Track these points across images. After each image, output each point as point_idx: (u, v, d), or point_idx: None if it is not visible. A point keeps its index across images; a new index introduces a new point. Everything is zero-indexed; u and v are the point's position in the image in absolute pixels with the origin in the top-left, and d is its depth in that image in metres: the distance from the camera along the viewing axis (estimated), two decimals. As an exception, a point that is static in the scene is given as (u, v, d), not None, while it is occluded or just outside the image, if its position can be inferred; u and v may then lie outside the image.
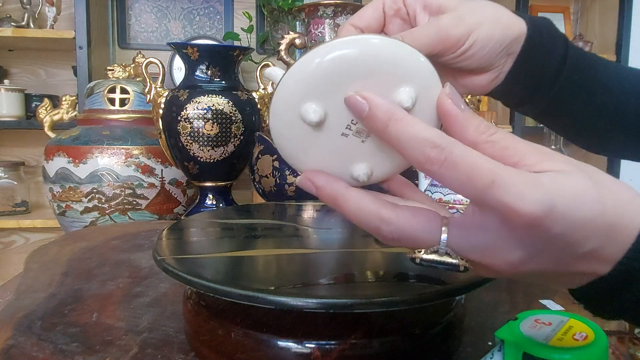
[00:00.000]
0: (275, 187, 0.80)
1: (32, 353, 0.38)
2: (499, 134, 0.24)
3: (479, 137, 0.24)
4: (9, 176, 1.57)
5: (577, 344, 0.31)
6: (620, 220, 0.23)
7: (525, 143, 0.24)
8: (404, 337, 0.35)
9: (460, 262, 0.25)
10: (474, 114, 0.24)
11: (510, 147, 0.24)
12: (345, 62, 0.25)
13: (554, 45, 0.38)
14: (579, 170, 0.24)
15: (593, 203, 0.22)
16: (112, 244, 0.73)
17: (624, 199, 0.23)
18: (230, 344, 0.35)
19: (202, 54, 0.86)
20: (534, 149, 0.24)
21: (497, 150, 0.24)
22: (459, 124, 0.24)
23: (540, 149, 0.24)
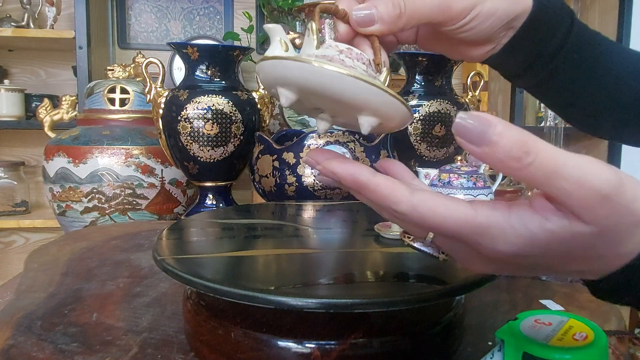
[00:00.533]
0: (275, 187, 0.80)
1: (32, 353, 0.38)
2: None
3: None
4: (9, 176, 1.57)
5: (577, 344, 0.31)
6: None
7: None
8: (404, 337, 0.35)
9: (440, 256, 0.27)
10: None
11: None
12: (319, 85, 0.26)
13: (556, 23, 0.37)
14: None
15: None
16: (112, 243, 0.73)
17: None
18: (230, 344, 0.35)
19: (202, 54, 0.86)
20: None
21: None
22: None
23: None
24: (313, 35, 0.29)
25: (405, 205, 0.24)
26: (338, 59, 0.28)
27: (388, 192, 0.24)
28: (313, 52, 0.28)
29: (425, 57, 0.91)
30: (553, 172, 0.21)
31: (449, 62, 0.92)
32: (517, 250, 0.23)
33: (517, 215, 0.23)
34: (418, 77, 0.94)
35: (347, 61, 0.28)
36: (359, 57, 0.29)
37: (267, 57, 0.27)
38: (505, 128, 0.21)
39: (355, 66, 0.28)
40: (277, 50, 0.28)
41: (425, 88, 0.93)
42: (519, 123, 1.80)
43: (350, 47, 0.29)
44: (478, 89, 0.98)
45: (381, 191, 0.25)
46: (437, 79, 0.93)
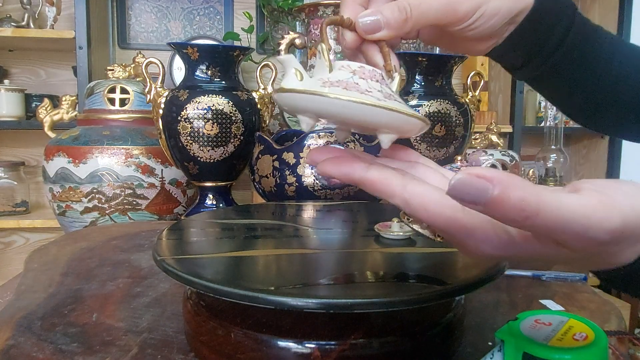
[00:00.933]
0: (275, 187, 0.80)
1: (32, 353, 0.38)
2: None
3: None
4: (9, 176, 1.57)
5: (577, 344, 0.31)
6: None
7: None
8: (404, 337, 0.35)
9: (436, 239, 0.29)
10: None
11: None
12: (337, 114, 0.27)
13: (557, 17, 0.38)
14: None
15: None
16: (112, 244, 0.73)
17: None
18: (230, 344, 0.35)
19: (202, 54, 0.86)
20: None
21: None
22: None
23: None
24: (325, 57, 0.29)
25: (399, 199, 0.25)
26: (352, 82, 0.28)
27: (382, 188, 0.26)
28: (327, 76, 0.28)
29: (425, 57, 0.91)
30: (557, 227, 0.21)
31: (449, 62, 0.92)
32: (500, 252, 0.24)
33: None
34: (418, 77, 0.94)
35: (361, 83, 0.28)
36: (372, 74, 0.29)
37: (284, 89, 0.27)
38: (506, 185, 0.20)
39: (369, 87, 0.28)
40: (292, 80, 0.28)
41: (425, 88, 0.94)
42: (519, 123, 1.80)
43: (363, 65, 0.29)
44: (478, 89, 0.98)
45: (375, 186, 0.26)
46: (437, 79, 0.93)
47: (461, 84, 1.91)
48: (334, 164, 0.27)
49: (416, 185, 0.25)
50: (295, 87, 0.27)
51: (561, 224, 0.21)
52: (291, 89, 0.27)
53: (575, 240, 0.22)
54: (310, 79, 0.29)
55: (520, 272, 0.58)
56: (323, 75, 0.29)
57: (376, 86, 0.29)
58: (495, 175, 0.20)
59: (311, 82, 0.28)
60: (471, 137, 0.98)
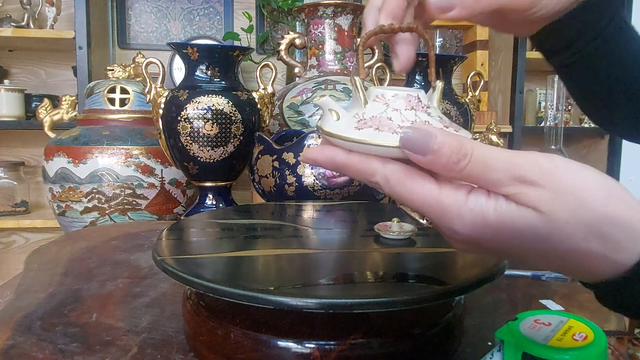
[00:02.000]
0: (275, 187, 0.80)
1: (31, 353, 0.38)
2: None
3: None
4: (9, 176, 1.57)
5: (577, 344, 0.31)
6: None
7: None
8: (404, 337, 0.35)
9: (424, 223, 0.30)
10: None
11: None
12: (371, 153, 0.28)
13: (605, 7, 0.39)
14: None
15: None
16: (112, 244, 0.73)
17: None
18: (230, 344, 0.35)
19: (202, 54, 0.86)
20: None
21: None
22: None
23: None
24: (359, 92, 0.30)
25: (379, 176, 0.27)
26: (385, 118, 0.28)
27: (363, 167, 0.27)
28: (362, 111, 0.29)
29: (425, 57, 0.91)
30: (485, 167, 0.24)
31: (449, 62, 0.92)
32: (471, 231, 0.25)
33: (475, 197, 0.25)
34: (418, 77, 0.94)
35: (394, 118, 0.28)
36: (407, 102, 0.29)
37: (323, 130, 0.29)
38: (444, 136, 0.25)
39: (403, 119, 0.28)
40: (330, 121, 0.29)
41: (425, 88, 0.93)
42: (519, 123, 1.80)
43: (397, 92, 0.29)
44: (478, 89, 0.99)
45: (357, 167, 0.27)
46: (437, 79, 0.93)
47: (461, 84, 1.91)
48: (318, 149, 0.28)
49: (396, 164, 0.26)
50: (331, 130, 0.28)
51: (491, 163, 0.24)
52: (328, 132, 0.29)
53: (509, 179, 0.24)
54: (346, 114, 0.29)
55: (520, 272, 0.58)
56: (358, 110, 0.29)
57: (410, 116, 0.29)
58: (433, 128, 0.25)
59: (347, 120, 0.29)
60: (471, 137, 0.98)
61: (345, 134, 0.28)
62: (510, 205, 0.24)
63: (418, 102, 0.29)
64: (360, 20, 1.11)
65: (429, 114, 0.29)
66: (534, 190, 0.23)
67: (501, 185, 0.24)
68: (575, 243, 0.24)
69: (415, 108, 0.29)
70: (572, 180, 0.23)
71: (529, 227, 0.24)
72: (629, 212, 0.23)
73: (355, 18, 1.06)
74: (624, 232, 0.23)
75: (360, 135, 0.27)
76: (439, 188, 0.25)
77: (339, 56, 1.06)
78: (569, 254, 0.24)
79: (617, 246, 0.23)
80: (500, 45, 1.90)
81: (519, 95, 1.79)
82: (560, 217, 0.23)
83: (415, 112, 0.29)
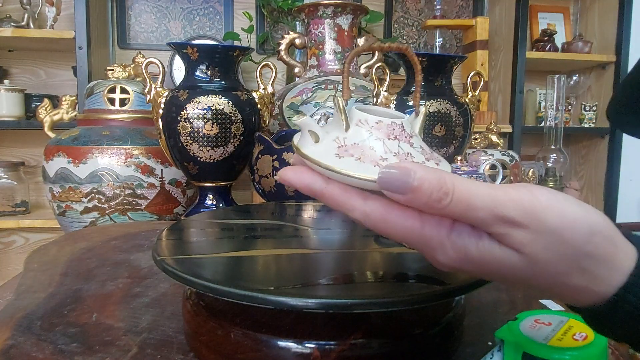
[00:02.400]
0: (275, 187, 0.80)
1: (31, 353, 0.38)
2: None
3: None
4: (9, 176, 1.57)
5: (577, 344, 0.31)
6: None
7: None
8: (404, 337, 0.35)
9: (407, 245, 0.28)
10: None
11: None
12: (346, 182, 0.27)
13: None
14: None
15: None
16: (112, 244, 0.73)
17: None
18: (230, 344, 0.35)
19: (202, 54, 0.86)
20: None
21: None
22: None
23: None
24: (341, 115, 0.28)
25: (359, 212, 0.26)
26: (367, 147, 0.27)
27: (342, 200, 0.26)
28: (343, 136, 0.28)
29: (425, 57, 0.91)
30: (467, 206, 0.24)
31: (448, 62, 0.92)
32: (454, 263, 0.25)
33: (457, 232, 0.25)
34: (418, 77, 0.94)
35: (377, 148, 0.27)
36: (390, 130, 0.28)
37: (301, 152, 0.28)
38: (424, 173, 0.24)
39: (386, 150, 0.27)
40: (308, 142, 0.28)
41: (425, 88, 0.93)
42: (519, 123, 1.80)
43: (381, 119, 0.28)
44: (478, 89, 0.98)
45: (335, 199, 0.27)
46: (437, 79, 0.93)
47: (461, 84, 1.91)
48: (295, 173, 0.28)
49: (376, 199, 0.26)
50: (310, 155, 0.27)
51: (474, 202, 0.23)
52: (305, 155, 0.27)
53: (492, 219, 0.24)
54: (327, 136, 0.28)
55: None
56: (339, 134, 0.28)
57: (393, 147, 0.28)
58: (412, 164, 0.24)
59: (326, 145, 0.28)
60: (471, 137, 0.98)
61: (325, 162, 0.27)
62: (493, 245, 0.24)
63: (402, 131, 0.29)
64: (360, 20, 1.11)
65: (411, 144, 0.29)
66: (517, 232, 0.24)
67: (484, 225, 0.24)
68: (557, 279, 0.24)
69: (399, 138, 0.28)
70: (555, 219, 0.23)
71: (512, 268, 0.24)
72: (610, 248, 0.24)
73: (355, 18, 1.06)
74: (605, 266, 0.24)
75: (340, 164, 0.26)
76: (421, 222, 0.25)
77: (339, 56, 1.06)
78: (553, 288, 0.25)
79: (597, 279, 0.24)
80: (500, 45, 1.90)
81: (519, 95, 1.79)
82: (543, 258, 0.24)
83: (398, 142, 0.28)
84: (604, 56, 1.91)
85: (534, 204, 0.24)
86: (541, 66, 1.95)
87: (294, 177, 0.28)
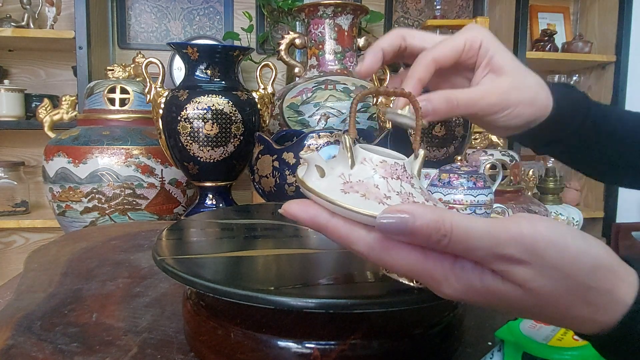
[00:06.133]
0: (275, 187, 0.80)
1: (31, 353, 0.38)
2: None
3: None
4: (9, 176, 1.57)
5: (577, 344, 0.31)
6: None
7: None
8: (404, 337, 0.35)
9: (415, 285, 0.31)
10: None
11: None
12: (348, 216, 0.27)
13: (573, 117, 0.42)
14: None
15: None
16: (112, 244, 0.73)
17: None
18: (230, 344, 0.35)
19: (202, 54, 0.86)
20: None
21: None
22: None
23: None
24: (347, 152, 0.29)
25: (363, 245, 0.26)
26: (372, 185, 0.28)
27: (346, 232, 0.27)
28: (348, 173, 0.29)
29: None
30: (466, 247, 0.24)
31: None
32: (459, 295, 0.26)
33: (461, 265, 0.25)
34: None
35: (381, 186, 0.28)
36: (393, 170, 0.29)
37: (307, 186, 0.29)
38: (421, 215, 0.24)
39: (389, 189, 0.28)
40: (313, 176, 0.29)
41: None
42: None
43: (385, 159, 0.29)
44: (478, 89, 0.98)
45: (339, 232, 0.27)
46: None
47: (461, 84, 1.91)
48: (300, 206, 0.28)
49: (380, 233, 0.26)
50: (316, 189, 0.28)
51: (472, 242, 0.24)
52: (311, 189, 0.28)
53: (492, 258, 0.24)
54: (332, 171, 0.29)
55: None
56: (345, 171, 0.29)
57: (396, 186, 0.29)
58: (410, 207, 0.24)
59: (332, 179, 0.28)
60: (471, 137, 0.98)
61: (331, 196, 0.27)
62: (496, 280, 0.25)
63: (404, 171, 0.30)
64: (360, 20, 1.11)
65: (412, 185, 0.30)
66: (519, 268, 0.24)
67: (485, 263, 0.24)
68: (562, 311, 0.25)
69: (401, 178, 0.29)
70: (557, 254, 0.24)
71: (517, 301, 0.25)
72: (613, 281, 0.25)
73: (355, 18, 1.06)
74: (608, 298, 0.25)
75: (346, 200, 0.27)
76: (425, 255, 0.25)
77: (339, 56, 1.06)
78: (558, 318, 0.26)
79: (601, 310, 0.25)
80: (500, 45, 1.90)
81: (519, 95, 1.79)
82: (546, 292, 0.24)
83: (400, 182, 0.29)
84: (604, 56, 1.91)
85: (536, 239, 0.24)
86: (541, 66, 1.95)
87: (299, 210, 0.28)
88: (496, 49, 0.39)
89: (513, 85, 0.39)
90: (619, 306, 0.25)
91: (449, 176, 0.71)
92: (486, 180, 0.72)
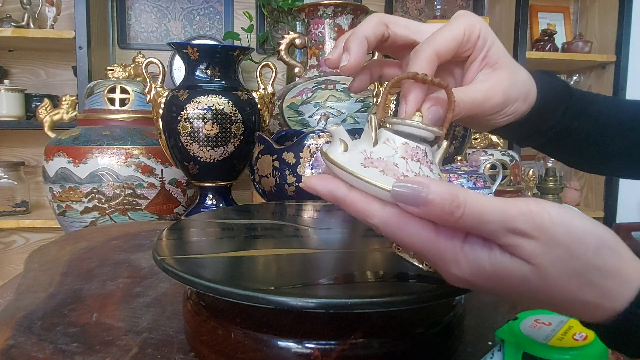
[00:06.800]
0: (275, 187, 0.80)
1: (32, 353, 0.38)
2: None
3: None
4: (9, 176, 1.57)
5: (577, 344, 0.31)
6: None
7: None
8: (404, 337, 0.35)
9: (424, 267, 0.31)
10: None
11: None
12: (367, 190, 0.28)
13: (554, 106, 0.41)
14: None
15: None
16: (112, 244, 0.73)
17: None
18: (230, 344, 0.35)
19: (202, 54, 0.86)
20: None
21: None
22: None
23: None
24: (372, 131, 0.30)
25: (378, 219, 0.27)
26: (391, 163, 0.28)
27: (362, 207, 0.27)
28: (370, 150, 0.29)
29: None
30: (479, 219, 0.24)
31: (449, 62, 0.92)
32: (467, 278, 0.26)
33: (470, 244, 0.26)
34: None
35: (400, 165, 0.29)
36: (414, 153, 0.30)
37: (329, 157, 0.29)
38: (437, 186, 0.25)
39: (408, 169, 0.29)
40: (336, 150, 0.29)
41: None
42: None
43: (407, 142, 0.30)
44: (478, 89, 0.98)
45: (356, 206, 0.27)
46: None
47: (461, 84, 1.91)
48: (320, 180, 0.28)
49: (395, 207, 0.26)
50: (337, 160, 0.28)
51: (485, 215, 0.24)
52: (333, 161, 0.28)
53: (503, 231, 0.24)
54: (355, 148, 0.29)
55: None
56: (367, 147, 0.29)
57: (415, 167, 0.29)
58: (425, 179, 0.25)
59: (354, 154, 0.29)
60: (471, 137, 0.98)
61: (350, 168, 0.28)
62: (504, 256, 0.25)
63: (424, 155, 0.30)
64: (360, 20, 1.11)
65: (431, 170, 0.30)
66: (528, 242, 0.24)
67: (496, 237, 0.25)
68: (568, 293, 0.25)
69: (421, 161, 0.30)
70: (564, 232, 0.24)
71: (523, 280, 0.25)
72: (617, 261, 0.25)
73: (355, 18, 1.06)
74: (613, 280, 0.24)
75: (365, 172, 0.27)
76: (436, 233, 0.26)
77: (339, 56, 1.06)
78: (563, 303, 0.26)
79: (607, 294, 0.25)
80: (500, 45, 1.90)
81: (519, 95, 1.79)
82: (553, 271, 0.24)
83: (420, 164, 0.29)
84: (604, 56, 1.91)
85: (544, 217, 0.24)
86: (541, 66, 1.95)
87: (319, 183, 0.28)
88: (493, 39, 0.37)
89: (511, 82, 0.37)
90: (626, 290, 0.25)
91: (449, 176, 0.71)
92: (486, 180, 0.72)
